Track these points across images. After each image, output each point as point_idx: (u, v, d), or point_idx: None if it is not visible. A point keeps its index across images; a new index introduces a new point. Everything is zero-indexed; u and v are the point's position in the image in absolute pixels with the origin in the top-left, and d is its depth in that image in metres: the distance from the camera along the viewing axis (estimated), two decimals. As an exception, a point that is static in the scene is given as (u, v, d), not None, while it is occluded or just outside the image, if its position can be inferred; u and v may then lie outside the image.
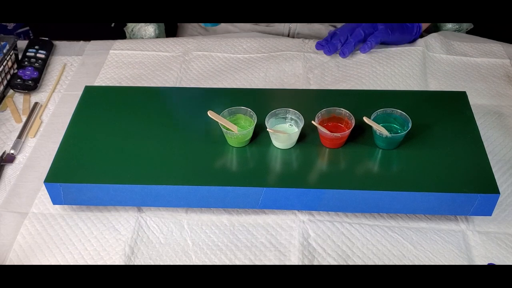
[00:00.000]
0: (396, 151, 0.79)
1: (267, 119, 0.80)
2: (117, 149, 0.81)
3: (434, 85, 1.01)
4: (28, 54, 1.08)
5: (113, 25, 1.54)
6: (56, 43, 1.14)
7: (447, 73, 1.03)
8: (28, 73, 1.04)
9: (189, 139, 0.82)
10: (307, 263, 0.74)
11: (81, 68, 1.08)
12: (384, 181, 0.75)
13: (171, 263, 0.75)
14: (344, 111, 0.81)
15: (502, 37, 1.12)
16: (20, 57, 1.08)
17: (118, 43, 1.12)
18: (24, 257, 0.76)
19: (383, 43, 1.07)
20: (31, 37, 1.61)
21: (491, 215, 0.76)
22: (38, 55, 1.08)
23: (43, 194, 0.83)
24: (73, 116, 0.87)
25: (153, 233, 0.78)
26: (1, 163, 0.89)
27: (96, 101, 0.90)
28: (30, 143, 0.93)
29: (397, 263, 0.74)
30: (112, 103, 0.89)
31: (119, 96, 0.91)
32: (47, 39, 1.12)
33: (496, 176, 0.76)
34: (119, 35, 1.20)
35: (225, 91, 0.95)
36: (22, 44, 1.11)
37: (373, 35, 1.05)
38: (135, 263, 0.75)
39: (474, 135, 0.81)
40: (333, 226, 0.78)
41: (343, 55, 1.06)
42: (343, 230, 0.78)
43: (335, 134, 0.78)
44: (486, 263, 0.74)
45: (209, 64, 1.07)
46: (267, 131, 0.79)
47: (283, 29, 1.19)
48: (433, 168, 0.77)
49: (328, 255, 0.75)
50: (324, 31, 1.19)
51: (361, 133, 0.81)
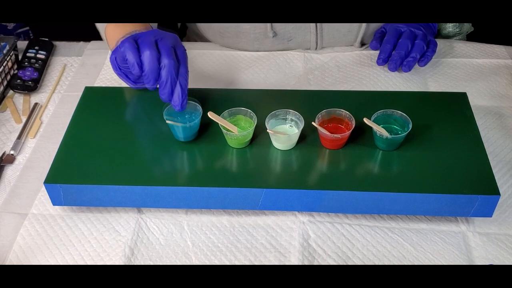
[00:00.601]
0: (397, 152, 0.79)
1: (267, 120, 0.80)
2: (117, 150, 0.81)
3: (434, 87, 1.01)
4: (28, 54, 1.08)
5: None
6: (56, 43, 1.14)
7: (447, 75, 1.03)
8: (28, 73, 1.04)
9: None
10: (307, 264, 0.74)
11: (81, 68, 1.08)
12: (384, 182, 0.75)
13: (171, 264, 0.75)
14: (344, 112, 0.81)
15: (504, 40, 1.12)
16: (20, 57, 1.08)
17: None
18: (23, 258, 0.76)
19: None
20: (31, 37, 1.60)
21: (491, 216, 0.76)
22: (38, 55, 1.08)
23: (43, 195, 0.83)
24: (73, 117, 0.87)
25: (153, 234, 0.78)
26: (1, 164, 0.89)
27: (96, 102, 0.89)
28: (30, 143, 0.93)
29: (397, 264, 0.74)
30: (112, 104, 0.89)
31: (119, 97, 0.91)
32: (47, 39, 1.12)
33: (496, 177, 0.76)
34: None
35: (225, 92, 0.95)
36: (22, 44, 1.11)
37: (430, 48, 1.02)
38: (135, 264, 0.75)
39: (474, 136, 0.81)
40: (333, 227, 0.78)
41: (408, 69, 1.01)
42: (343, 231, 0.78)
43: (335, 135, 0.78)
44: (486, 264, 0.74)
45: (209, 65, 1.07)
46: (267, 132, 0.79)
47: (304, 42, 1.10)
48: (434, 169, 0.77)
49: (328, 256, 0.75)
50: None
51: (361, 134, 0.81)
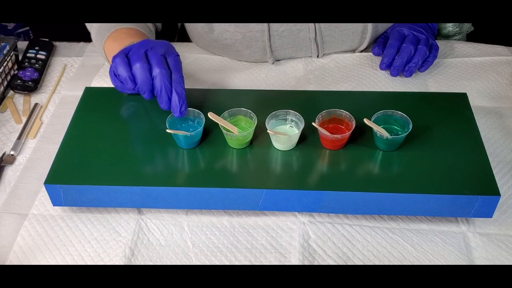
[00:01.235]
0: (397, 153, 0.79)
1: (267, 120, 0.80)
2: (117, 150, 0.81)
3: (434, 87, 1.01)
4: (28, 55, 1.08)
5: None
6: (57, 44, 1.14)
7: (447, 75, 1.03)
8: (28, 74, 1.04)
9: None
10: (307, 264, 0.74)
11: (81, 69, 1.08)
12: (384, 182, 0.75)
13: (171, 265, 0.75)
14: (344, 112, 0.81)
15: (504, 40, 1.12)
16: (20, 58, 1.08)
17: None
18: (24, 258, 0.76)
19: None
20: (31, 37, 1.60)
21: (491, 217, 0.76)
22: (38, 56, 1.08)
23: (43, 195, 0.83)
24: (73, 117, 0.87)
25: (153, 235, 0.78)
26: (1, 164, 0.89)
27: (96, 102, 0.89)
28: (30, 144, 0.93)
29: (397, 265, 0.74)
30: (112, 104, 0.89)
31: (119, 97, 0.90)
32: (47, 40, 1.12)
33: (496, 178, 0.76)
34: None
35: (226, 92, 0.95)
36: (22, 45, 1.11)
37: (432, 53, 1.01)
38: (135, 265, 0.75)
39: (474, 137, 0.81)
40: (334, 227, 0.78)
41: (409, 75, 1.00)
42: (343, 232, 0.78)
43: (335, 135, 0.78)
44: (486, 264, 0.74)
45: (209, 65, 1.07)
46: (268, 132, 0.79)
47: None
48: (434, 170, 0.77)
49: (328, 256, 0.75)
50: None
51: (361, 134, 0.81)
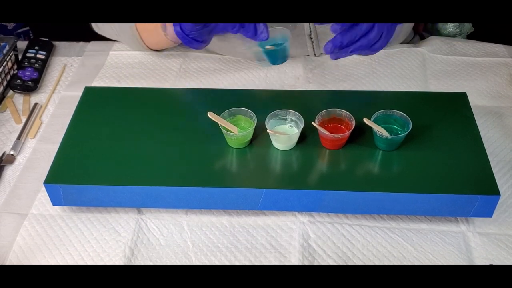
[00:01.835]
0: (397, 153, 0.79)
1: (267, 120, 0.80)
2: (117, 150, 0.81)
3: (434, 86, 1.01)
4: (28, 54, 1.08)
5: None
6: (56, 43, 1.14)
7: (447, 74, 1.03)
8: (28, 73, 1.04)
9: (189, 140, 0.82)
10: (307, 264, 0.74)
11: (81, 69, 1.08)
12: (384, 182, 0.75)
13: (171, 264, 0.75)
14: (344, 112, 0.81)
15: (504, 40, 1.12)
16: (20, 57, 1.08)
17: (119, 44, 1.12)
18: (23, 258, 0.76)
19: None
20: (31, 37, 1.60)
21: (491, 216, 0.76)
22: (38, 55, 1.08)
23: (43, 195, 0.83)
24: (73, 117, 0.87)
25: (153, 234, 0.78)
26: (1, 164, 0.89)
27: (96, 102, 0.89)
28: (30, 144, 0.93)
29: (397, 264, 0.74)
30: (112, 104, 0.89)
31: (119, 97, 0.91)
32: (47, 39, 1.12)
33: (496, 177, 0.76)
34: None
35: (225, 92, 0.95)
36: (22, 44, 1.11)
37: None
38: (135, 265, 0.75)
39: (474, 136, 0.81)
40: (333, 227, 0.78)
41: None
42: (343, 232, 0.78)
43: (335, 135, 0.78)
44: (486, 264, 0.74)
45: (209, 65, 1.07)
46: (267, 132, 0.79)
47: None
48: (434, 170, 0.77)
49: (328, 256, 0.75)
50: None
51: (361, 134, 0.81)
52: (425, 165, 0.77)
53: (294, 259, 0.75)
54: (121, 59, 1.09)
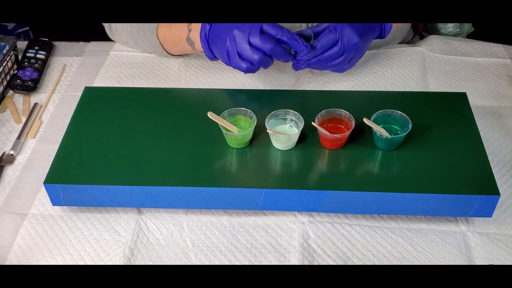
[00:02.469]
0: (396, 152, 0.79)
1: (267, 120, 0.80)
2: (116, 150, 0.81)
3: (434, 86, 1.01)
4: (28, 54, 1.08)
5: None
6: (56, 43, 1.14)
7: (447, 73, 1.03)
8: (28, 73, 1.04)
9: (189, 140, 0.82)
10: (307, 264, 0.74)
11: (81, 69, 1.08)
12: (384, 182, 0.75)
13: (171, 264, 0.75)
14: (344, 112, 0.81)
15: (503, 40, 1.12)
16: (20, 57, 1.08)
17: (118, 44, 1.12)
18: (23, 258, 0.76)
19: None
20: (31, 37, 1.60)
21: (491, 216, 0.76)
22: (38, 55, 1.08)
23: (43, 195, 0.83)
24: (72, 117, 0.87)
25: (153, 234, 0.78)
26: (1, 164, 0.89)
27: (95, 102, 0.89)
28: (30, 144, 0.93)
29: (397, 264, 0.74)
30: (112, 104, 0.89)
31: (119, 97, 0.91)
32: (47, 39, 1.12)
33: (496, 177, 0.76)
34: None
35: (225, 92, 0.95)
36: (22, 44, 1.11)
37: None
38: (135, 264, 0.75)
39: (474, 136, 0.81)
40: (333, 227, 0.78)
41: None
42: (343, 232, 0.78)
43: (335, 135, 0.78)
44: (486, 264, 0.74)
45: (209, 65, 1.07)
46: (267, 132, 0.79)
47: None
48: (433, 170, 0.77)
49: (328, 256, 0.75)
50: None
51: (361, 134, 0.81)
52: (425, 165, 0.77)
53: (294, 259, 0.75)
54: (121, 59, 1.09)
